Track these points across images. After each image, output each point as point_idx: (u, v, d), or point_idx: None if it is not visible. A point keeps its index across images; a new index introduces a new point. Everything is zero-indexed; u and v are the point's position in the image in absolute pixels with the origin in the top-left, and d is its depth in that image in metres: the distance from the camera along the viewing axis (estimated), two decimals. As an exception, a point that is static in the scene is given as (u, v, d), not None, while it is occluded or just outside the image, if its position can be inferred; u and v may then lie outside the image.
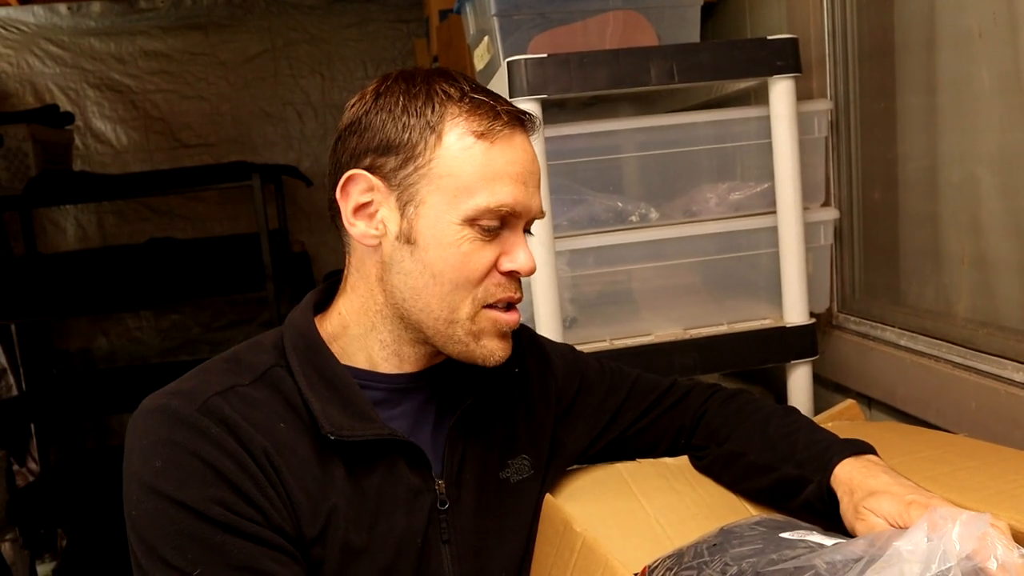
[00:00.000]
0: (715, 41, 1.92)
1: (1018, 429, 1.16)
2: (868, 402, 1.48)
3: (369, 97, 0.90)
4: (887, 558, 0.78)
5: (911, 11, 1.46)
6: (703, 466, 1.09)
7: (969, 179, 1.37)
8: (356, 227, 0.88)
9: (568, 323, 1.41)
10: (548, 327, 1.32)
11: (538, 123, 0.93)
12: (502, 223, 0.88)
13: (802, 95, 1.42)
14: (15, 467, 3.09)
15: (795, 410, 1.08)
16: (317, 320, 0.94)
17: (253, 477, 0.81)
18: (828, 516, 0.90)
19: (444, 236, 0.86)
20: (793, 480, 0.95)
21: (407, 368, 0.93)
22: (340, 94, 3.72)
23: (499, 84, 1.36)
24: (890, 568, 0.76)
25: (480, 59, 1.68)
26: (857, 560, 0.79)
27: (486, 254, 0.87)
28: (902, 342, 1.43)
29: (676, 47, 1.38)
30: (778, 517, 0.94)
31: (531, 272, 0.90)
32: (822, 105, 1.49)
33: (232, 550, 0.78)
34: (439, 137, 0.85)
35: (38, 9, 3.30)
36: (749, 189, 1.44)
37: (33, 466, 3.20)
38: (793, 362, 1.41)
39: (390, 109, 0.87)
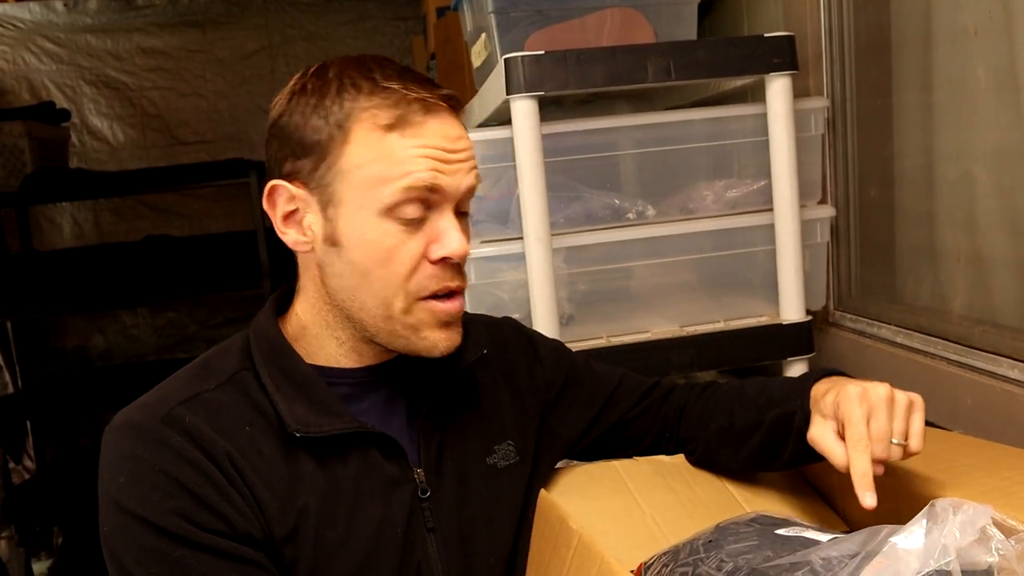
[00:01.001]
0: (712, 39, 1.92)
1: (1013, 426, 1.16)
2: (864, 399, 1.49)
3: (284, 99, 0.89)
4: (884, 554, 0.77)
5: (907, 8, 1.47)
6: (698, 458, 1.10)
7: (965, 177, 1.37)
8: (288, 235, 0.89)
9: (565, 320, 1.41)
10: (545, 325, 1.32)
11: (457, 102, 0.89)
12: (426, 209, 0.86)
13: (799, 93, 1.42)
14: (11, 465, 3.09)
15: (765, 377, 1.11)
16: (280, 322, 0.94)
17: (216, 484, 0.81)
18: None
19: (365, 233, 0.85)
20: (781, 420, 0.97)
21: (369, 361, 0.93)
22: (337, 91, 3.73)
23: (496, 81, 1.36)
24: (887, 564, 0.76)
25: (477, 56, 1.68)
26: (853, 556, 0.79)
27: (411, 246, 0.85)
28: (898, 339, 1.43)
29: (673, 44, 1.38)
30: (774, 514, 0.95)
31: (463, 255, 0.88)
32: (819, 103, 1.49)
33: (192, 564, 0.79)
34: (347, 134, 0.84)
35: (34, 5, 3.29)
36: (746, 187, 1.44)
37: (29, 464, 3.21)
38: (790, 359, 1.41)
39: (302, 111, 0.86)
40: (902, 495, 0.98)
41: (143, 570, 0.79)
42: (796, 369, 1.41)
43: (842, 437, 0.87)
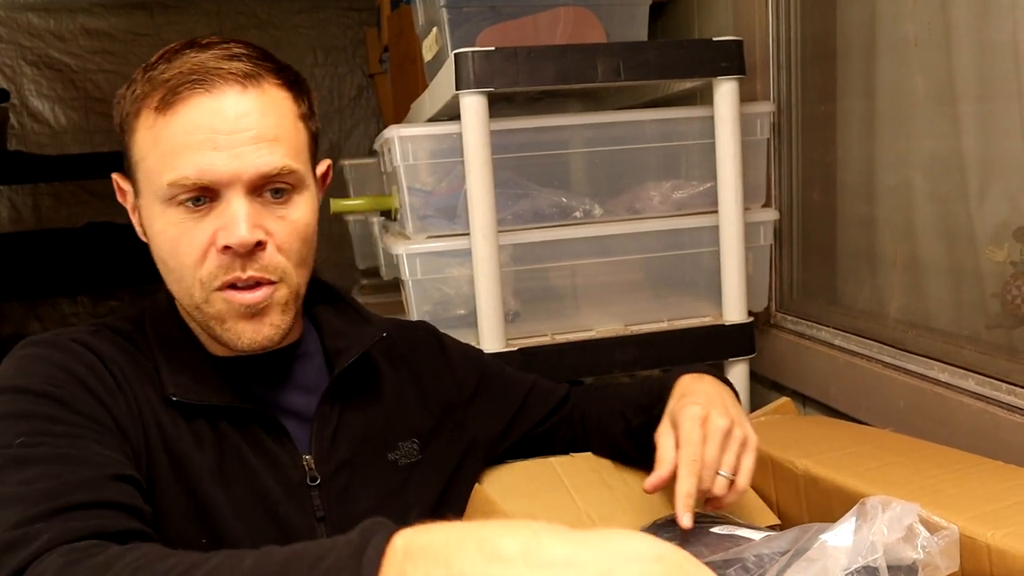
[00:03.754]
0: (662, 40, 1.95)
1: (942, 426, 1.19)
2: (803, 400, 1.52)
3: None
4: (814, 551, 0.79)
5: (852, 18, 1.50)
6: (596, 449, 1.13)
7: (904, 183, 1.41)
8: (136, 227, 0.90)
9: (511, 317, 1.41)
10: (490, 321, 1.33)
11: (257, 72, 0.83)
12: (214, 194, 0.81)
13: (746, 97, 1.44)
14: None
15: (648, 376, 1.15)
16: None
17: (106, 385, 0.81)
18: None
19: (155, 223, 0.83)
20: (651, 406, 1.00)
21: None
22: (288, 81, 3.67)
23: (446, 76, 1.36)
24: (816, 561, 0.78)
25: (428, 51, 1.67)
26: (784, 553, 0.81)
27: (197, 234, 0.81)
28: (836, 342, 1.46)
29: (623, 45, 1.39)
30: (708, 513, 0.96)
31: (242, 245, 0.80)
32: (765, 107, 1.52)
33: (62, 428, 0.75)
34: (132, 124, 0.84)
35: (-27, -18, 3.20)
36: (692, 188, 1.45)
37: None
38: (731, 359, 1.44)
39: (118, 100, 0.86)
40: (833, 493, 1.00)
41: (9, 432, 0.74)
42: (738, 369, 1.43)
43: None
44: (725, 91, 1.39)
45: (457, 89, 1.30)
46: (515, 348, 1.34)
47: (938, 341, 1.29)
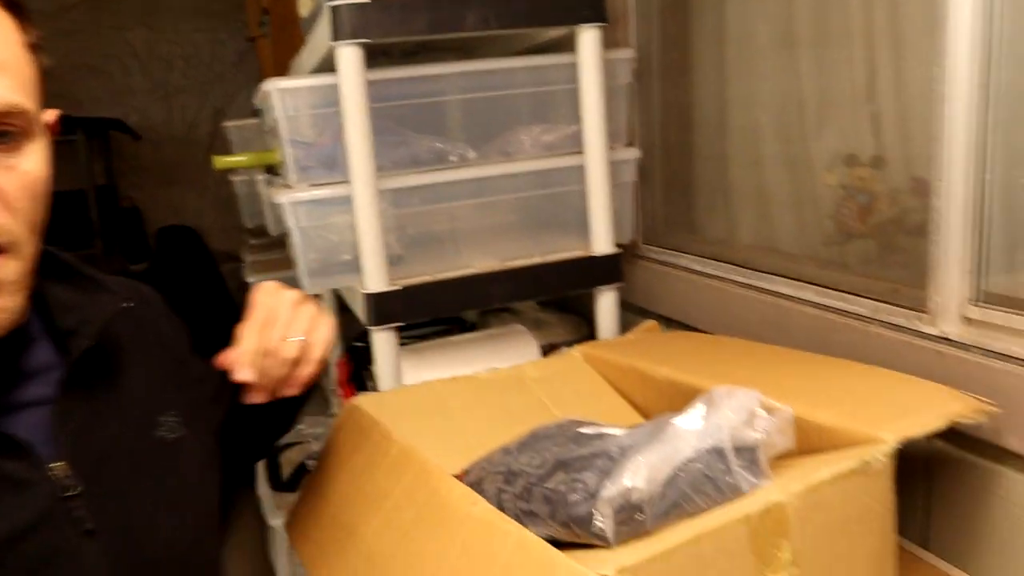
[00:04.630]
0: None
1: (786, 333, 1.33)
2: (667, 323, 1.64)
3: None
4: (666, 435, 0.90)
5: (705, -33, 1.61)
6: None
7: (752, 122, 1.54)
8: None
9: (395, 260, 1.47)
10: (374, 264, 1.38)
11: None
12: None
13: (609, 44, 1.52)
14: None
15: None
16: None
17: None
18: None
19: None
20: None
21: None
22: (168, 47, 3.60)
23: (322, 28, 1.40)
24: (669, 443, 0.87)
25: (304, 7, 1.70)
26: (643, 442, 0.91)
27: None
28: (696, 267, 1.59)
29: (492, -6, 1.45)
30: (581, 418, 1.06)
31: None
32: (626, 53, 1.61)
33: None
34: None
35: None
36: (560, 131, 1.54)
37: None
38: (601, 288, 1.54)
39: None
40: (690, 393, 1.09)
41: None
42: (608, 297, 1.54)
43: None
44: (588, 39, 1.47)
45: (333, 40, 1.34)
46: (399, 287, 1.41)
47: (782, 260, 1.43)
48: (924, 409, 0.93)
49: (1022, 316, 1.02)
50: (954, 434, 1.07)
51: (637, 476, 0.78)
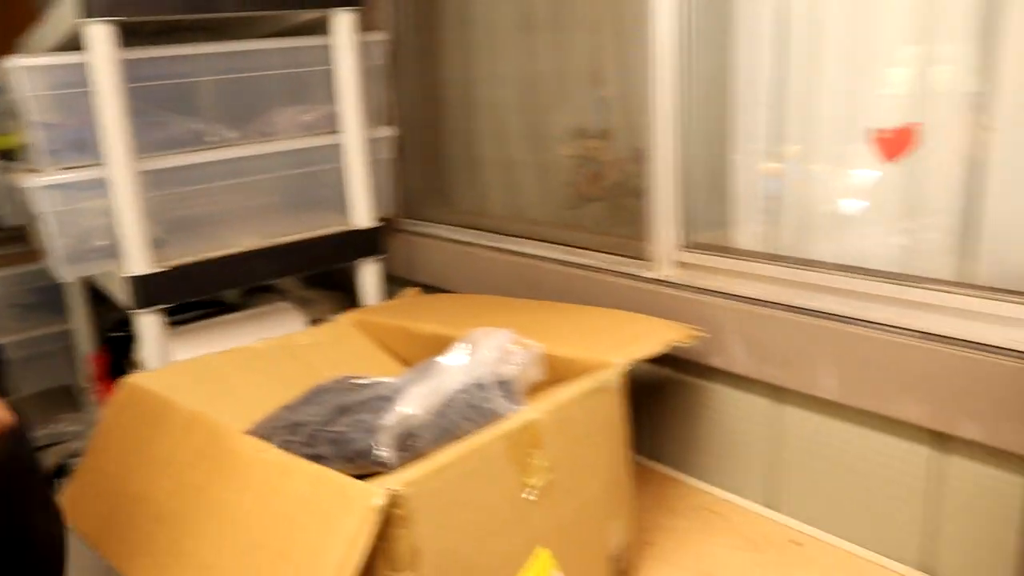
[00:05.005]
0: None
1: (536, 288, 1.49)
2: (429, 290, 1.75)
3: None
4: (434, 372, 1.00)
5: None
6: None
7: (496, 99, 1.68)
8: None
9: (158, 243, 1.46)
10: (136, 249, 1.38)
11: None
12: None
13: (364, 27, 1.59)
14: None
15: None
16: None
17: None
18: None
19: None
20: None
21: None
22: None
23: (67, 6, 1.35)
24: (436, 378, 0.98)
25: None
26: (415, 380, 1.00)
27: None
28: (451, 236, 1.72)
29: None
30: (360, 375, 1.14)
31: None
32: (379, 36, 1.69)
33: None
34: None
35: None
36: (318, 111, 1.60)
37: None
38: (363, 260, 1.62)
39: None
40: (452, 343, 1.19)
41: None
42: (371, 269, 1.62)
43: None
44: (343, 21, 1.54)
45: (83, 17, 1.30)
46: (163, 268, 1.41)
47: (528, 224, 1.59)
48: (648, 338, 1.11)
49: (720, 257, 1.24)
50: (672, 359, 1.27)
51: (412, 403, 0.88)
